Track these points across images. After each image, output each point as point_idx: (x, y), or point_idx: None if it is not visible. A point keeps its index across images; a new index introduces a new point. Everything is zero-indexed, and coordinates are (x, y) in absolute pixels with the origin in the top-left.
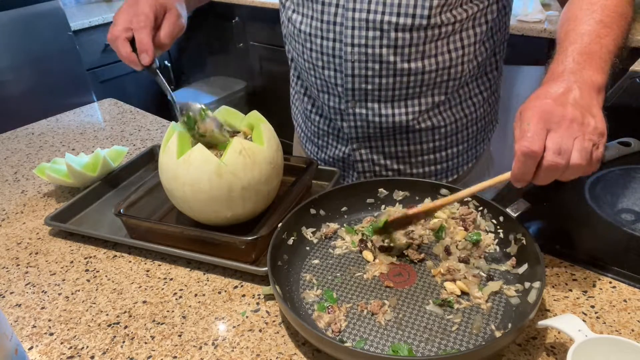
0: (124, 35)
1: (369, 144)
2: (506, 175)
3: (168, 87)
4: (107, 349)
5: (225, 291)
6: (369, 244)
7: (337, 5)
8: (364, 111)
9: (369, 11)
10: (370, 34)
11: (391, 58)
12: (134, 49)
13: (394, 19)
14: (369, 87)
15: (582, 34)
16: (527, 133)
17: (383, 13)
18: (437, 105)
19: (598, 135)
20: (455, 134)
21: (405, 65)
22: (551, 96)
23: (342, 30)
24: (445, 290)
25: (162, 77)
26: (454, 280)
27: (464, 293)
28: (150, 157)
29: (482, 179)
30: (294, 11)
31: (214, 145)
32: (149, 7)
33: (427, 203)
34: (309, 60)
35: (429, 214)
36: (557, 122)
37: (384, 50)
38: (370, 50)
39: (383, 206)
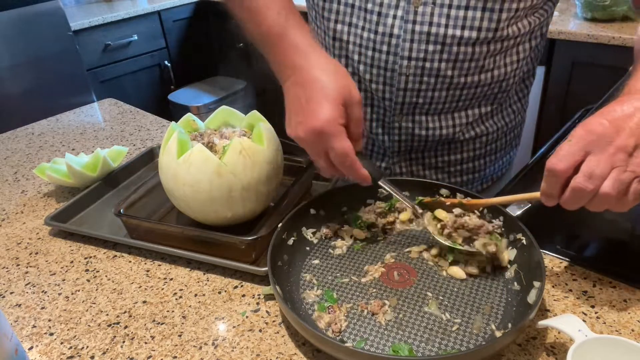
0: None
1: (409, 156)
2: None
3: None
4: (107, 349)
5: (225, 291)
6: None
7: (394, 17)
8: (410, 125)
9: (431, 24)
10: (430, 47)
11: (449, 72)
12: None
13: (458, 33)
14: (420, 100)
15: None
16: (561, 151)
17: (447, 26)
18: (482, 115)
19: None
20: (495, 142)
21: (462, 80)
22: (611, 117)
23: (398, 43)
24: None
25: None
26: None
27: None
28: (150, 157)
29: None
30: (337, 22)
31: (214, 146)
32: (338, 113)
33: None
34: (353, 72)
35: (464, 208)
36: (601, 146)
37: (443, 65)
38: (427, 64)
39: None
